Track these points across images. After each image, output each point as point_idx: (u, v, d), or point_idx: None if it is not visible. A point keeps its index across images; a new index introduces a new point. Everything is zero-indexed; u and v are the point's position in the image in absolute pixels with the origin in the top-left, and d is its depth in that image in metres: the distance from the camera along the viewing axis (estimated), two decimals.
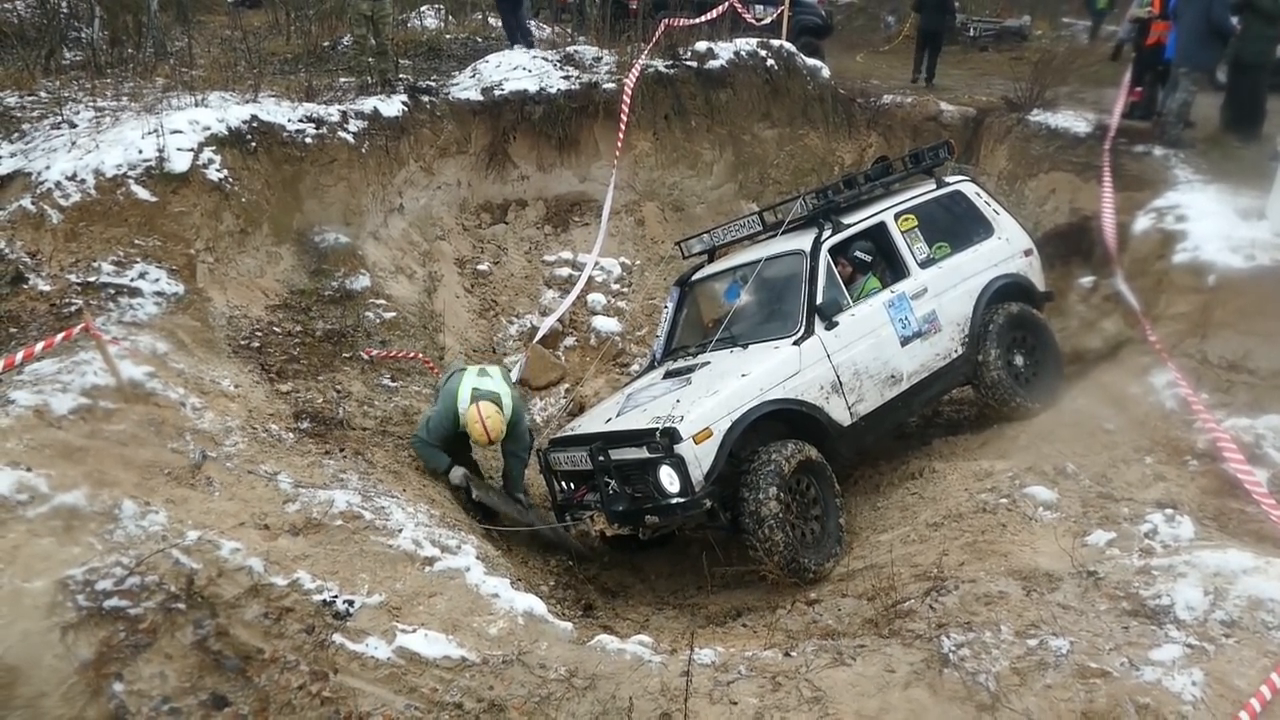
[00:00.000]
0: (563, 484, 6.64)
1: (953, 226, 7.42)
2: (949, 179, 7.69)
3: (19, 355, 5.27)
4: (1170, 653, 4.13)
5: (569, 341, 9.84)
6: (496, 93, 10.66)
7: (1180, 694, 3.90)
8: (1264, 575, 4.54)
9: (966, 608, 4.66)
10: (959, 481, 6.28)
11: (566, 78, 11.10)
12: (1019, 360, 7.19)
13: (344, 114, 9.25)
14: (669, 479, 5.71)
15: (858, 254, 7.00)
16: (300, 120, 8.85)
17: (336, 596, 4.53)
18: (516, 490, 6.82)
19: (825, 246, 6.73)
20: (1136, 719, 3.82)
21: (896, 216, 7.16)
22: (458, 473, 6.40)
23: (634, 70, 10.94)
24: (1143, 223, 8.15)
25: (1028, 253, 7.64)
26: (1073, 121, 10.80)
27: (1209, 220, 7.79)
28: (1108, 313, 8.05)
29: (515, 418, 6.55)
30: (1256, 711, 3.80)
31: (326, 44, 12.85)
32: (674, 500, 5.71)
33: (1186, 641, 4.21)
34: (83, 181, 7.18)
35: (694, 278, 7.82)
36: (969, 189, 7.68)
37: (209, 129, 7.98)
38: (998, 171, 11.05)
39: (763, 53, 12.09)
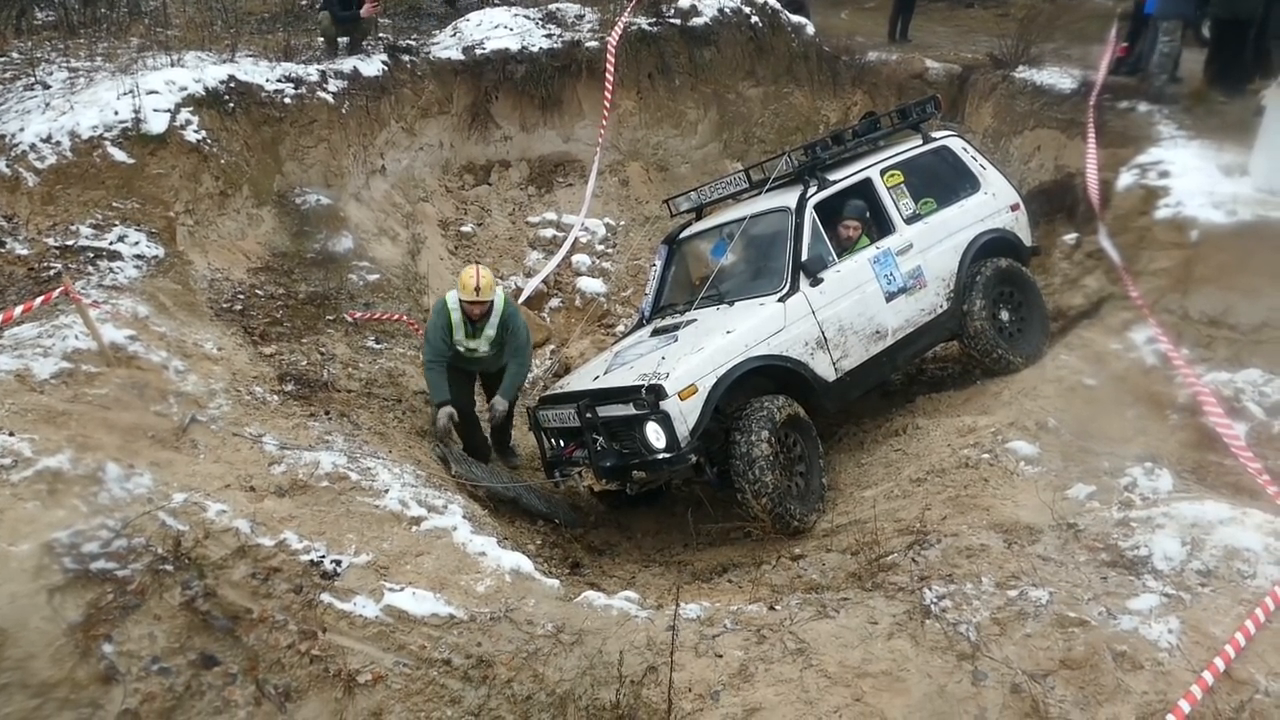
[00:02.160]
0: (552, 441, 6.69)
1: (939, 181, 7.38)
2: (935, 134, 7.65)
3: None
4: (1148, 602, 4.21)
5: (554, 303, 9.82)
6: (478, 51, 10.53)
7: (1157, 641, 3.99)
8: (1240, 525, 4.62)
9: (948, 560, 4.73)
10: (942, 437, 6.32)
11: (549, 36, 10.97)
12: (1005, 315, 7.20)
13: (323, 73, 9.13)
14: (655, 435, 5.75)
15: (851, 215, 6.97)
16: (279, 80, 8.73)
17: (324, 556, 4.55)
18: (507, 397, 6.78)
19: (810, 203, 6.71)
20: (1114, 666, 3.90)
21: (882, 172, 7.12)
22: (444, 413, 6.39)
23: (617, 28, 10.81)
24: (1126, 179, 8.12)
25: (1014, 207, 7.61)
26: (1058, 78, 10.72)
27: (1192, 176, 7.78)
28: (1090, 269, 8.06)
29: (510, 309, 6.66)
30: (1231, 657, 3.88)
31: (304, 2, 12.62)
32: (660, 455, 5.76)
33: (1164, 591, 4.29)
34: (58, 144, 7.08)
35: (681, 235, 7.80)
36: (956, 144, 7.63)
37: (186, 89, 7.87)
38: (983, 129, 10.99)
39: (747, 9, 11.93)
